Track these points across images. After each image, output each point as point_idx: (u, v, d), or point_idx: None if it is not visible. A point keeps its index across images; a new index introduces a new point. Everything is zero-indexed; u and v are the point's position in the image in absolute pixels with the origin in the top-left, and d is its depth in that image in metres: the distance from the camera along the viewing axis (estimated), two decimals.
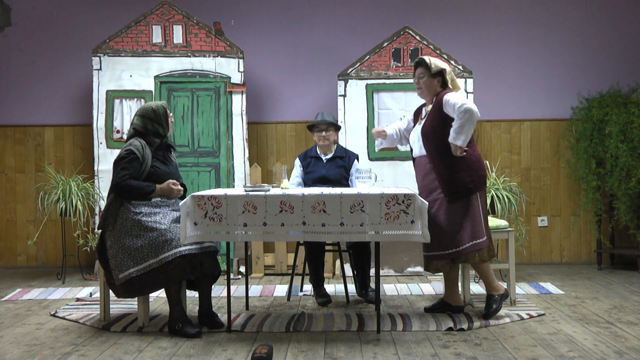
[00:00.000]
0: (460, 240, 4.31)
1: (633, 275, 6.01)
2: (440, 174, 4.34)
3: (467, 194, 4.32)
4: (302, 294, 5.29)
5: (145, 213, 4.13)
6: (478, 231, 4.32)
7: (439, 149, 4.34)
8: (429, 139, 4.39)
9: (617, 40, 6.74)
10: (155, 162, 4.29)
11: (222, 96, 6.25)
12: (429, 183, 4.43)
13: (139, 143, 4.25)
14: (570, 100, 6.62)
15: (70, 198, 5.84)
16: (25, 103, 6.81)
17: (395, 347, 3.78)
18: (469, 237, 4.30)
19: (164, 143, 4.42)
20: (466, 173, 4.31)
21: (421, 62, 4.49)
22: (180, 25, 6.24)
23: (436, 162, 4.37)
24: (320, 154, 5.26)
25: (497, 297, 4.40)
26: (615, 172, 6.13)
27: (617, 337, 3.92)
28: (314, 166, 5.22)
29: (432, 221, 4.28)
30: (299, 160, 5.33)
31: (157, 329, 4.20)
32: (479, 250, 4.32)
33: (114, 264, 4.11)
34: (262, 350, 3.49)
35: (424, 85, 4.49)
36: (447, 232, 4.32)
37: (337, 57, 6.65)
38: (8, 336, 4.14)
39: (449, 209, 4.33)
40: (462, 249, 4.31)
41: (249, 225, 3.96)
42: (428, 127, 4.40)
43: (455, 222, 4.31)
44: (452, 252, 4.34)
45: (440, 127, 4.33)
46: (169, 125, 4.42)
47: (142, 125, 4.33)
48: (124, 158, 4.19)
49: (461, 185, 4.30)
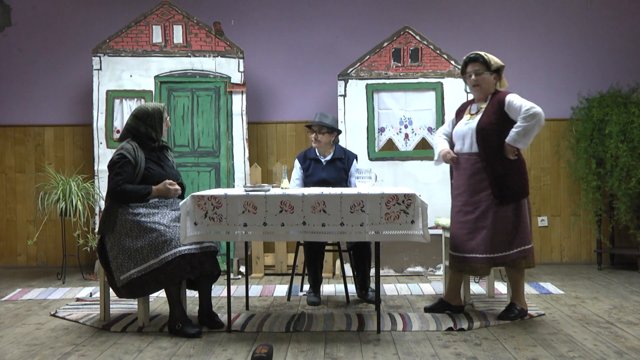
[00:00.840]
0: (510, 245, 4.25)
1: (633, 275, 6.01)
2: (494, 175, 4.24)
3: (517, 198, 4.25)
4: (302, 294, 5.29)
5: (143, 214, 4.13)
6: (526, 237, 4.27)
7: (495, 149, 4.25)
8: (486, 137, 4.26)
9: (617, 40, 6.74)
10: (149, 164, 4.28)
11: (222, 96, 6.25)
12: (477, 183, 4.31)
13: (130, 146, 4.24)
14: (571, 100, 6.62)
15: (70, 198, 5.84)
16: (26, 103, 6.81)
17: (395, 347, 3.78)
18: (519, 243, 4.25)
19: (157, 144, 4.40)
20: (518, 177, 4.25)
21: (477, 57, 4.36)
22: (180, 25, 6.24)
23: (490, 162, 4.25)
24: (319, 155, 5.20)
25: (519, 309, 4.35)
26: (615, 172, 6.13)
27: (617, 337, 3.92)
28: (313, 169, 5.17)
29: (476, 222, 4.26)
30: (298, 162, 5.26)
31: (157, 329, 4.20)
32: (526, 257, 4.28)
33: (115, 265, 4.11)
34: (262, 350, 3.49)
35: (481, 82, 4.35)
36: (494, 236, 4.24)
37: (337, 57, 6.65)
38: (8, 336, 4.14)
39: (498, 212, 4.25)
40: (511, 253, 4.25)
41: (249, 225, 3.96)
42: (485, 124, 4.27)
43: (505, 226, 4.25)
44: (498, 256, 4.26)
45: (497, 127, 4.24)
46: (164, 130, 4.39)
47: (134, 127, 4.32)
48: (116, 163, 4.18)
49: (513, 189, 4.23)
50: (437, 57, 6.21)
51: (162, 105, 4.40)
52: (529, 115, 4.12)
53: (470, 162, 4.34)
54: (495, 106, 4.30)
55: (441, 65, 6.21)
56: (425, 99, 6.20)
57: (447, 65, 6.20)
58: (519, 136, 4.15)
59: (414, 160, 6.20)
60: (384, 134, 6.26)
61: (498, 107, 4.28)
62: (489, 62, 4.34)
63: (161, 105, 4.40)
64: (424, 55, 6.22)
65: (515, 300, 4.39)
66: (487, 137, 4.26)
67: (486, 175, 4.26)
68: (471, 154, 4.34)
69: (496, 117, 4.26)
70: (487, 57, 4.36)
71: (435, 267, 6.14)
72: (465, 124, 4.41)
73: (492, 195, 4.25)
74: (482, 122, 4.30)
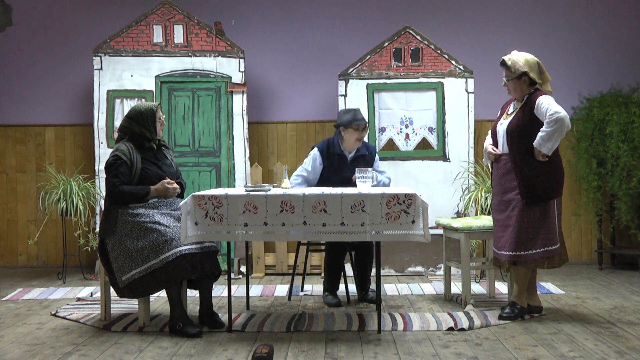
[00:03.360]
0: (533, 245, 4.26)
1: (634, 275, 6.00)
2: (521, 176, 4.27)
3: (544, 199, 4.25)
4: (302, 294, 5.29)
5: (143, 214, 4.13)
6: (552, 238, 4.27)
7: (523, 150, 4.27)
8: (514, 138, 4.30)
9: (617, 40, 6.74)
10: (146, 164, 4.27)
11: (222, 96, 6.25)
12: (507, 182, 4.36)
13: (126, 147, 4.24)
14: (571, 100, 6.61)
15: (71, 198, 5.84)
16: (26, 103, 6.81)
17: (396, 346, 3.78)
18: (542, 243, 4.25)
19: (153, 144, 4.39)
20: (547, 178, 4.25)
21: (503, 63, 4.38)
22: (181, 25, 6.24)
23: (518, 162, 4.28)
24: (345, 151, 4.99)
25: (519, 307, 4.35)
26: (616, 172, 6.13)
27: (618, 337, 3.91)
28: (337, 165, 4.92)
29: (504, 221, 4.30)
30: (319, 154, 4.94)
31: (158, 329, 4.20)
32: (550, 257, 4.28)
33: (117, 266, 4.11)
34: (262, 350, 3.49)
35: (511, 87, 4.39)
36: (519, 235, 4.27)
37: (338, 57, 6.64)
38: (9, 336, 4.14)
39: (524, 211, 4.26)
40: (533, 253, 4.26)
41: (250, 225, 3.96)
42: (514, 125, 4.31)
43: (530, 226, 4.26)
44: (521, 254, 4.27)
45: (527, 128, 4.25)
46: (158, 129, 4.38)
47: (128, 128, 4.32)
48: (112, 165, 4.18)
49: (540, 189, 4.24)
50: (438, 57, 6.21)
51: (155, 105, 4.38)
52: (552, 121, 4.13)
53: (502, 161, 4.41)
54: (527, 108, 4.31)
55: (442, 65, 6.21)
56: (425, 98, 6.20)
57: (447, 65, 6.20)
58: (542, 141, 4.18)
59: (414, 160, 6.20)
60: (385, 134, 6.26)
61: (529, 109, 4.29)
62: (511, 68, 4.34)
63: (154, 105, 4.37)
64: (424, 55, 6.22)
65: (514, 298, 4.40)
66: (514, 139, 4.30)
67: (515, 176, 4.31)
68: (503, 154, 4.40)
69: (527, 119, 4.28)
70: (511, 61, 4.34)
71: (436, 267, 6.14)
72: (500, 124, 4.47)
73: (519, 195, 4.28)
74: (511, 124, 4.34)
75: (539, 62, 4.38)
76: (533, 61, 4.36)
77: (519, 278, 4.38)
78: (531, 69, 4.33)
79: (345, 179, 4.89)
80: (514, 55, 4.40)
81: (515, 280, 4.43)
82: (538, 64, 4.37)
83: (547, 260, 4.29)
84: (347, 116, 4.94)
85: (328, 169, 4.95)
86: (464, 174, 6.07)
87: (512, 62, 4.34)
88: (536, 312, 4.46)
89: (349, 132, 4.91)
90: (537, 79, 4.35)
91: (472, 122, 6.19)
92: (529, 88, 4.37)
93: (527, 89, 4.37)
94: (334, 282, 5.00)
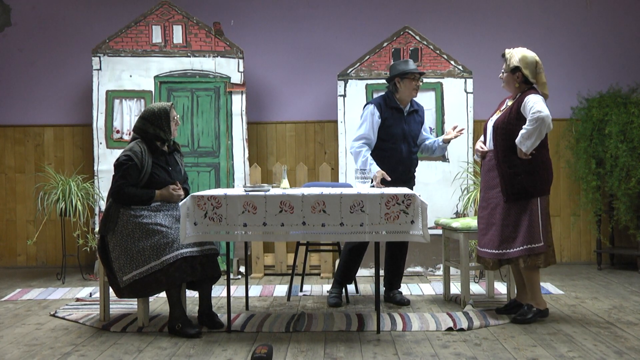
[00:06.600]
0: (513, 243, 4.23)
1: (633, 276, 6.01)
2: (502, 173, 4.26)
3: (525, 197, 4.22)
4: (302, 294, 5.29)
5: (145, 215, 4.13)
6: (535, 236, 4.21)
7: (506, 147, 4.25)
8: (499, 135, 4.29)
9: (617, 40, 6.74)
10: (156, 169, 4.26)
11: (221, 96, 6.25)
12: (491, 179, 4.35)
13: (139, 148, 4.23)
14: (570, 100, 6.62)
15: (70, 198, 5.84)
16: (25, 103, 6.81)
17: (395, 347, 3.78)
18: (523, 241, 4.20)
19: (168, 146, 4.39)
20: (529, 177, 4.21)
21: (503, 55, 4.37)
22: (180, 26, 6.24)
23: (500, 159, 4.28)
24: (401, 105, 4.75)
25: (534, 310, 4.29)
26: (615, 172, 6.13)
27: (617, 337, 3.92)
28: (394, 119, 4.70)
29: (487, 218, 4.29)
30: (376, 110, 4.69)
31: (157, 329, 4.20)
32: (533, 255, 4.21)
33: (118, 266, 4.11)
34: (262, 351, 3.49)
35: (504, 80, 4.38)
36: (499, 233, 4.26)
37: (337, 57, 6.64)
38: (8, 336, 4.14)
39: (505, 209, 4.25)
40: (513, 251, 4.22)
41: (249, 225, 3.96)
42: (500, 122, 4.30)
43: (510, 224, 4.24)
44: (501, 252, 4.25)
45: (512, 125, 4.23)
46: (172, 129, 4.38)
47: (142, 129, 4.31)
48: (122, 164, 4.17)
49: (520, 188, 4.21)
50: (437, 57, 6.21)
51: (169, 104, 4.38)
52: (533, 119, 4.11)
53: (488, 158, 4.41)
54: (515, 105, 4.30)
55: (441, 65, 6.21)
56: (425, 99, 6.19)
57: (447, 65, 6.20)
58: (522, 138, 4.16)
59: None
60: None
61: (517, 107, 4.28)
62: (507, 61, 4.33)
63: (168, 104, 4.38)
64: (423, 55, 6.22)
65: (530, 300, 4.34)
66: (499, 136, 4.29)
67: (497, 173, 4.30)
68: (490, 150, 4.39)
69: (513, 116, 4.26)
70: (509, 55, 4.34)
71: (435, 267, 6.14)
72: (490, 120, 4.45)
73: (500, 192, 4.28)
74: (498, 120, 4.33)
75: (538, 63, 4.34)
76: (532, 60, 4.31)
77: (528, 281, 4.31)
78: (526, 67, 4.29)
79: (404, 133, 4.74)
80: (516, 50, 4.38)
81: (526, 282, 4.34)
82: (536, 65, 4.32)
83: (531, 258, 4.21)
84: (402, 66, 4.71)
85: (386, 123, 4.71)
86: (463, 174, 6.07)
87: (510, 56, 4.34)
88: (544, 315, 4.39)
89: (405, 82, 4.69)
90: (531, 78, 4.30)
91: (471, 122, 6.19)
92: (523, 85, 4.33)
93: (520, 86, 4.34)
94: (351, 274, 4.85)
